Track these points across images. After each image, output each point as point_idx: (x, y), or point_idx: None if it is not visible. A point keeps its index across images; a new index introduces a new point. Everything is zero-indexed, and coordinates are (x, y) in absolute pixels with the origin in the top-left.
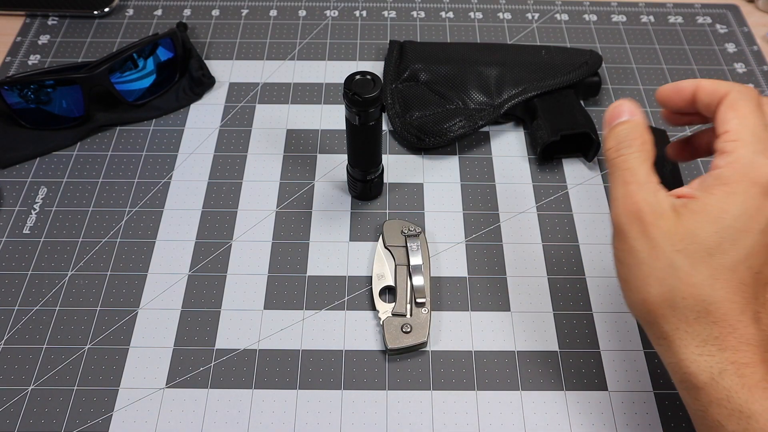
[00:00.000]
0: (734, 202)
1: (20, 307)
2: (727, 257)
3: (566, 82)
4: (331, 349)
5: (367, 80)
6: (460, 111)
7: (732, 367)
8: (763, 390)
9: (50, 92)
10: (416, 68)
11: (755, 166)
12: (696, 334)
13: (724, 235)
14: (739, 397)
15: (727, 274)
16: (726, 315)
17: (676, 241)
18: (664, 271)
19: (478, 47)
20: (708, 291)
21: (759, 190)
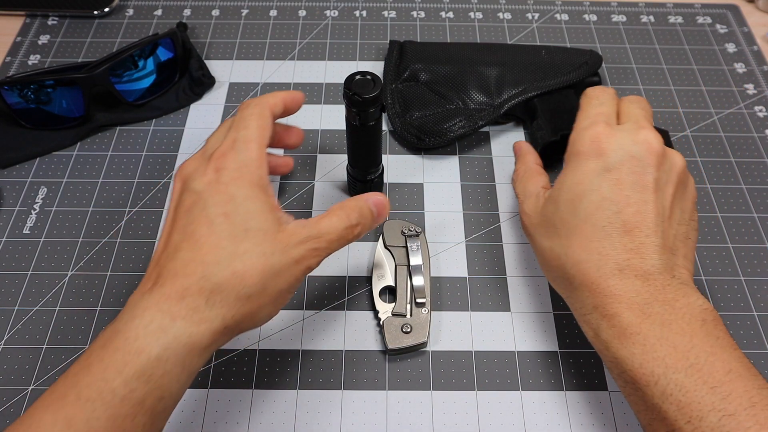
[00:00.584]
0: (566, 177)
1: (20, 307)
2: (571, 224)
3: (566, 82)
4: (331, 349)
5: (367, 80)
6: (460, 111)
7: (604, 321)
8: (629, 336)
9: (50, 92)
10: (416, 68)
11: (576, 142)
12: (575, 299)
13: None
14: (613, 346)
15: (576, 240)
16: (586, 275)
17: (540, 231)
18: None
19: (479, 47)
20: (564, 258)
21: (583, 159)
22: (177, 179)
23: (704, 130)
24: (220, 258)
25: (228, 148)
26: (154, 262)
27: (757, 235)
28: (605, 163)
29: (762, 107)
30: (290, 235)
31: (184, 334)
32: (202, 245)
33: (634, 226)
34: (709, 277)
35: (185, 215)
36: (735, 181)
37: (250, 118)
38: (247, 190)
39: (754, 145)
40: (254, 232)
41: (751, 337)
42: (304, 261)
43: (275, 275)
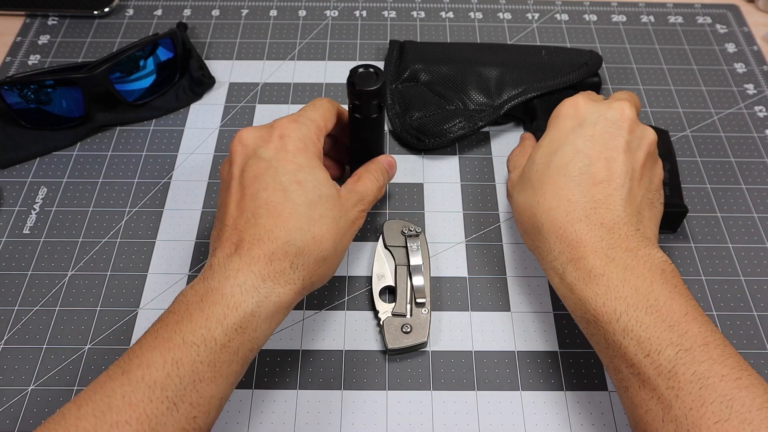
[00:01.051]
0: (545, 137)
1: (20, 307)
2: (545, 176)
3: (566, 82)
4: (331, 349)
5: (370, 73)
6: (459, 112)
7: (570, 264)
8: (593, 278)
9: (50, 92)
10: (416, 68)
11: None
12: (543, 246)
13: (539, 161)
14: (577, 288)
15: (547, 189)
16: (555, 221)
17: (518, 188)
18: (515, 212)
19: (479, 47)
20: (536, 207)
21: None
22: (237, 144)
23: (704, 130)
24: (300, 224)
25: (292, 120)
26: (230, 227)
27: (757, 235)
28: (580, 122)
29: (762, 107)
30: (346, 200)
31: (273, 293)
32: (281, 212)
33: (603, 178)
34: (709, 277)
35: (255, 181)
36: (735, 181)
37: (321, 107)
38: (312, 161)
39: (754, 145)
40: (325, 198)
41: (751, 337)
42: (357, 221)
43: (342, 236)
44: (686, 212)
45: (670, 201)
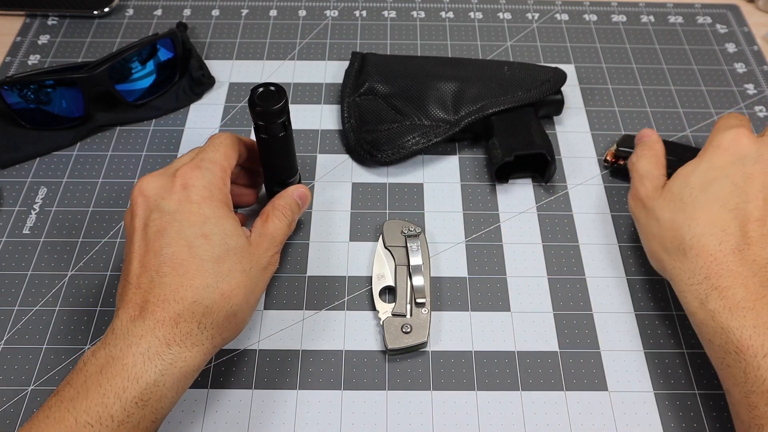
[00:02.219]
0: (701, 162)
1: (20, 307)
2: (699, 201)
3: (527, 99)
4: (331, 349)
5: (271, 92)
6: (415, 127)
7: (715, 292)
8: (740, 309)
9: (50, 92)
10: (375, 81)
11: (716, 138)
12: (686, 269)
13: (694, 185)
14: (720, 316)
15: (702, 214)
16: (705, 247)
17: (661, 203)
18: (655, 226)
19: (440, 62)
20: (686, 230)
21: (721, 151)
22: (138, 195)
23: (704, 130)
24: (208, 281)
25: (194, 166)
26: (133, 286)
27: None
28: (742, 159)
29: (762, 107)
30: (256, 246)
31: (179, 358)
32: (187, 269)
33: (758, 217)
34: None
35: (159, 236)
36: None
37: (220, 145)
38: (218, 210)
39: None
40: (233, 250)
41: None
42: (271, 266)
43: (254, 287)
44: None
45: None
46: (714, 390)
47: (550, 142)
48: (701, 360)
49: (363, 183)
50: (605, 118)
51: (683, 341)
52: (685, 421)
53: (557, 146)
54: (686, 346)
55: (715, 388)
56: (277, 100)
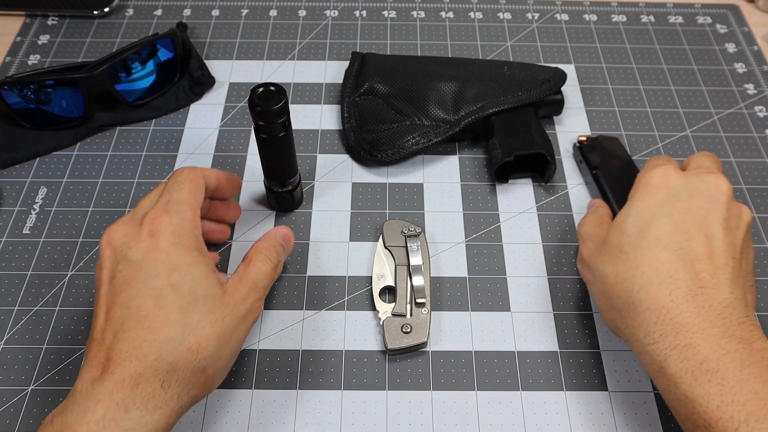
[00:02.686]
0: (633, 205)
1: (20, 307)
2: (639, 247)
3: (527, 99)
4: (331, 349)
5: (271, 92)
6: (415, 127)
7: (674, 352)
8: (704, 373)
9: (50, 92)
10: (375, 81)
11: (644, 177)
12: (639, 326)
13: (630, 232)
14: (683, 383)
15: (645, 262)
16: (655, 298)
17: (603, 259)
18: (601, 284)
19: (440, 62)
20: (631, 282)
21: (652, 189)
22: (106, 246)
23: (704, 130)
24: (173, 335)
25: (161, 210)
26: (97, 342)
27: (757, 235)
28: (675, 195)
29: (762, 107)
30: (233, 293)
31: (139, 424)
32: (152, 322)
33: (706, 255)
34: None
35: (125, 287)
36: (735, 181)
37: (185, 183)
38: (188, 256)
39: (755, 145)
40: (203, 299)
41: None
42: (251, 315)
43: (229, 337)
44: None
45: None
46: None
47: (550, 142)
48: None
49: (363, 183)
50: (605, 118)
51: None
52: None
53: (557, 146)
54: None
55: None
56: (277, 100)
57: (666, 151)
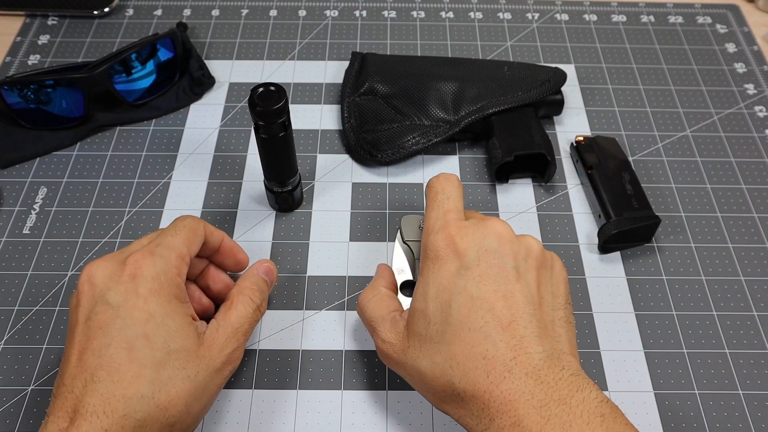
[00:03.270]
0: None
1: (20, 307)
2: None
3: (526, 99)
4: (331, 349)
5: (271, 92)
6: (415, 127)
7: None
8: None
9: (50, 92)
10: (375, 81)
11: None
12: (470, 414)
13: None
14: None
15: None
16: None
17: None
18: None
19: (440, 61)
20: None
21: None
22: (84, 282)
23: (704, 130)
24: (144, 391)
25: (147, 252)
26: (66, 389)
27: (757, 235)
28: (464, 263)
29: (762, 107)
30: (210, 345)
31: None
32: (123, 375)
33: (510, 320)
34: (709, 277)
35: (100, 333)
36: (735, 181)
37: (182, 229)
38: (165, 306)
39: (754, 145)
40: (176, 353)
41: (751, 337)
42: (228, 366)
43: (200, 394)
44: (659, 222)
45: (641, 214)
46: (714, 390)
47: (550, 142)
48: (701, 360)
49: (363, 183)
50: (605, 118)
51: (683, 341)
52: (685, 420)
53: (557, 146)
54: (686, 346)
55: (714, 388)
56: (277, 100)
57: (666, 151)
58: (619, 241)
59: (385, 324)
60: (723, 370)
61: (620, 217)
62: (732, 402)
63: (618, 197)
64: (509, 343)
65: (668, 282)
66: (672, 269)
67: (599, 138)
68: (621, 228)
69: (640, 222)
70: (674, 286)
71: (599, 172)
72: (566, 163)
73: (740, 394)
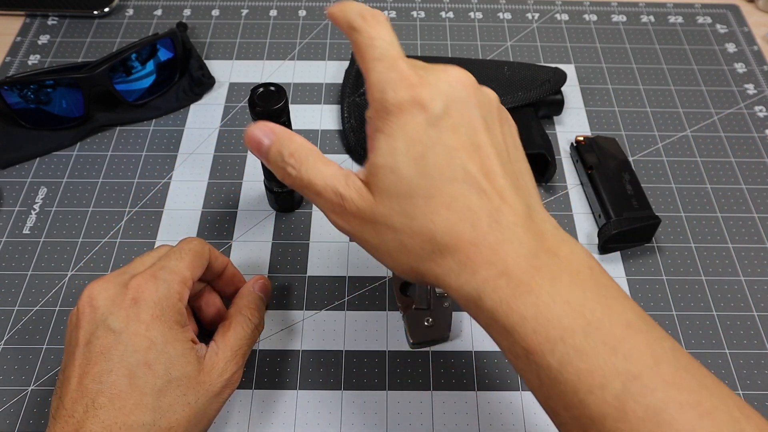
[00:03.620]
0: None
1: (20, 307)
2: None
3: (527, 99)
4: (331, 349)
5: (271, 92)
6: None
7: (487, 285)
8: (519, 297)
9: (50, 92)
10: None
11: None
12: (450, 269)
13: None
14: (500, 315)
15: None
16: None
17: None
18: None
19: (440, 61)
20: (431, 228)
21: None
22: (86, 305)
23: (704, 130)
24: (145, 419)
25: (150, 276)
26: (67, 412)
27: (757, 235)
28: (432, 114)
29: (762, 107)
30: (210, 370)
31: None
32: (124, 403)
33: (487, 171)
34: (709, 277)
35: (101, 359)
36: (735, 182)
37: (188, 253)
38: (167, 332)
39: (755, 145)
40: (177, 381)
41: (751, 337)
42: (227, 389)
43: (200, 418)
44: (659, 222)
45: (641, 214)
46: None
47: (550, 142)
48: (701, 359)
49: None
50: (605, 118)
51: (683, 341)
52: None
53: (557, 146)
54: (686, 347)
55: None
56: (277, 100)
57: (666, 151)
58: (619, 241)
59: (339, 181)
60: (723, 370)
61: (620, 217)
62: None
63: (618, 197)
64: (491, 193)
65: (668, 282)
66: (672, 269)
67: (599, 138)
68: (621, 228)
69: (640, 222)
70: (674, 286)
71: (599, 172)
72: (566, 163)
73: (740, 395)
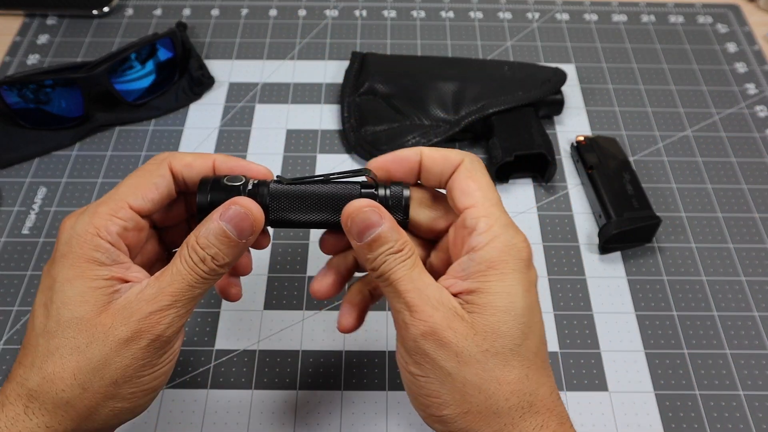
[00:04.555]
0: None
1: (20, 307)
2: (531, 343)
3: (526, 99)
4: (330, 350)
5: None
6: (415, 127)
7: None
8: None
9: (49, 92)
10: (375, 81)
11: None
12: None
13: (522, 321)
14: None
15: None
16: (544, 401)
17: (480, 342)
18: (478, 376)
19: (440, 61)
20: (527, 384)
21: (524, 264)
22: None
23: (705, 130)
24: (34, 359)
25: (78, 212)
26: None
27: (758, 235)
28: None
29: (763, 107)
30: (117, 311)
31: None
32: (26, 343)
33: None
34: (709, 278)
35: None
36: (735, 181)
37: (134, 175)
38: (68, 270)
39: (755, 145)
40: (66, 323)
41: (751, 337)
42: (142, 335)
43: (98, 368)
44: (659, 222)
45: (642, 214)
46: (714, 390)
47: (551, 142)
48: (701, 360)
49: None
50: (605, 118)
51: (683, 341)
52: (686, 421)
53: (557, 146)
54: (686, 346)
55: (715, 389)
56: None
57: (666, 151)
58: (620, 241)
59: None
60: (723, 370)
61: (620, 217)
62: (733, 402)
63: (618, 197)
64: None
65: (669, 282)
66: (672, 269)
67: (599, 138)
68: (621, 228)
69: (640, 222)
70: (675, 286)
71: (599, 172)
72: (566, 163)
73: (741, 395)
